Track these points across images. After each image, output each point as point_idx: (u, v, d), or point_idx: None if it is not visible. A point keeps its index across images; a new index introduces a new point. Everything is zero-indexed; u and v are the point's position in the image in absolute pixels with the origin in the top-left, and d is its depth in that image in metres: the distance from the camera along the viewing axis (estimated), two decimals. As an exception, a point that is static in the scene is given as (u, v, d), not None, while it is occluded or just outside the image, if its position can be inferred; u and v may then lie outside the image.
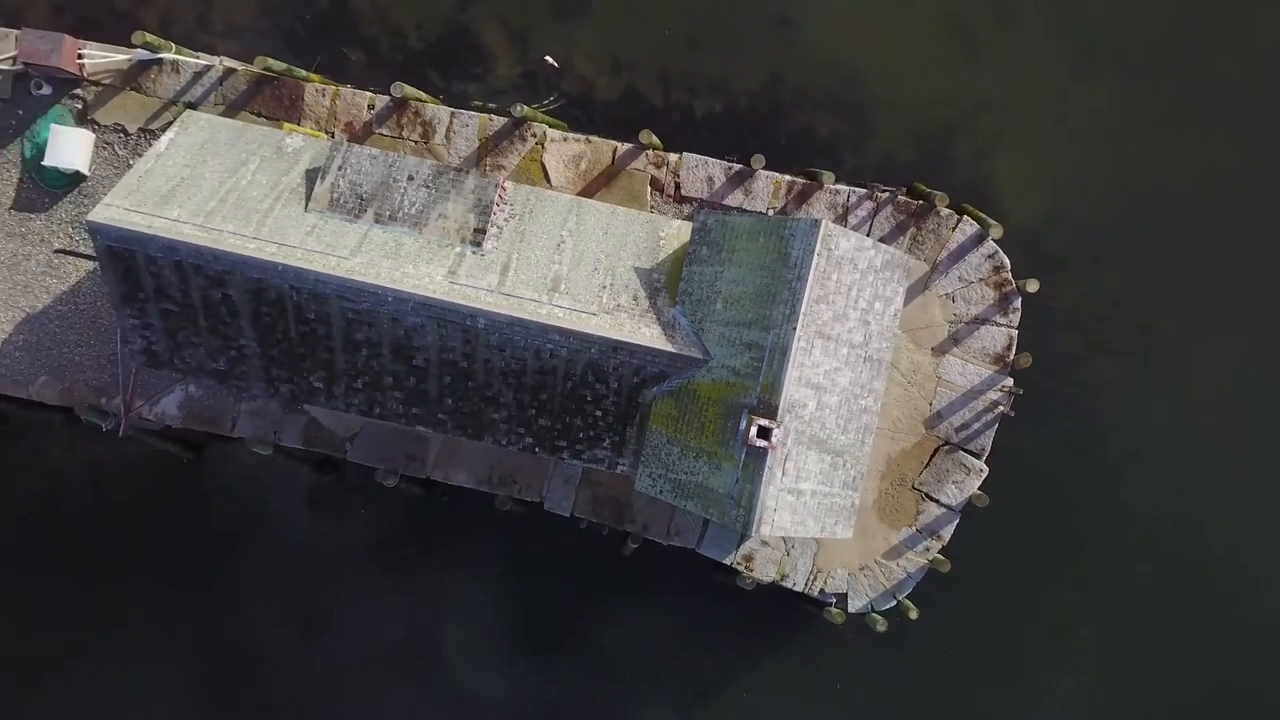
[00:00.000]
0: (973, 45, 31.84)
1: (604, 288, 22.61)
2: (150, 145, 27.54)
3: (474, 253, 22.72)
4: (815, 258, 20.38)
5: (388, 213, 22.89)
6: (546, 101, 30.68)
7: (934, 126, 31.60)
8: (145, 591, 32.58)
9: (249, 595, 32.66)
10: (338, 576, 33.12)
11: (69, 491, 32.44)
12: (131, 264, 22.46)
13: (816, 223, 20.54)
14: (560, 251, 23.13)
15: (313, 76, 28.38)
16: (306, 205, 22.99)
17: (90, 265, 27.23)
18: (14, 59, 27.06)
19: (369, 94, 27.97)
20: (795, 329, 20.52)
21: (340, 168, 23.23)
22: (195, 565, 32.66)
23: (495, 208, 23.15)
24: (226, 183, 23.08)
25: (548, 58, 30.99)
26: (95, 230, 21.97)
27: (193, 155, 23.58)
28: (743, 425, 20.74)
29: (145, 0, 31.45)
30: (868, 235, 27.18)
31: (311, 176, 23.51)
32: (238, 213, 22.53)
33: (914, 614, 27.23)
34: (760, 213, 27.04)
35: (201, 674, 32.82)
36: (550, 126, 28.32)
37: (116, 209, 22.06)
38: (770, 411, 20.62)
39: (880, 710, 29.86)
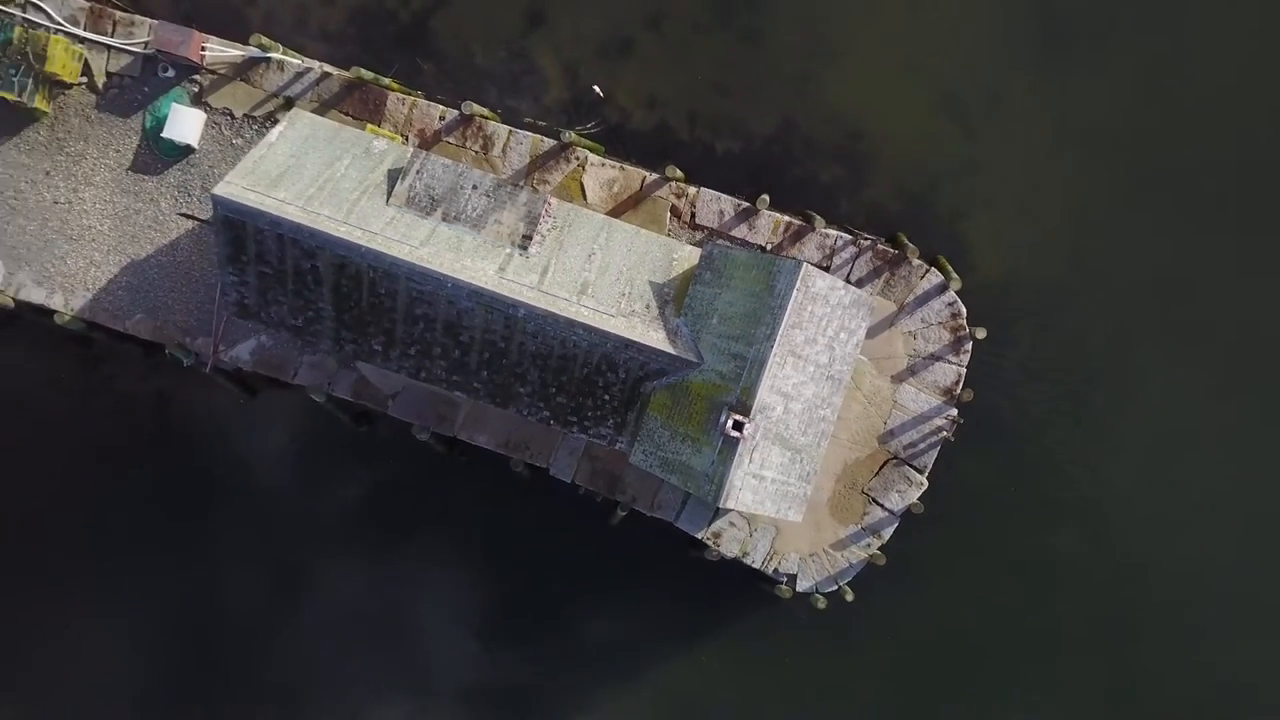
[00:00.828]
0: (965, 117, 37.21)
1: (623, 295, 28.29)
2: (252, 129, 33.26)
3: (521, 255, 28.40)
4: (795, 292, 26.06)
5: (453, 214, 28.56)
6: (589, 125, 36.27)
7: (922, 184, 37.00)
8: (162, 516, 38.10)
9: (251, 537, 38.24)
10: (338, 532, 38.57)
11: (132, 416, 38.01)
12: (241, 232, 28.10)
13: (799, 264, 26.24)
14: (590, 261, 28.81)
15: (393, 85, 34.03)
16: (388, 200, 28.64)
17: (190, 225, 32.87)
18: (146, 44, 32.77)
19: (441, 106, 33.66)
20: (773, 347, 26.19)
21: (418, 172, 28.90)
22: (217, 498, 38.16)
23: (542, 219, 28.82)
24: (324, 174, 28.74)
25: (595, 87, 36.57)
26: (217, 201, 27.59)
27: (297, 148, 29.24)
28: (722, 419, 26.40)
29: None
30: (849, 275, 32.87)
31: (393, 176, 29.17)
32: (332, 200, 28.18)
33: (850, 597, 32.92)
34: (759, 246, 32.69)
35: (183, 602, 38.27)
36: (590, 150, 33.97)
37: (236, 186, 27.70)
38: (745, 410, 26.28)
39: (818, 676, 35.57)
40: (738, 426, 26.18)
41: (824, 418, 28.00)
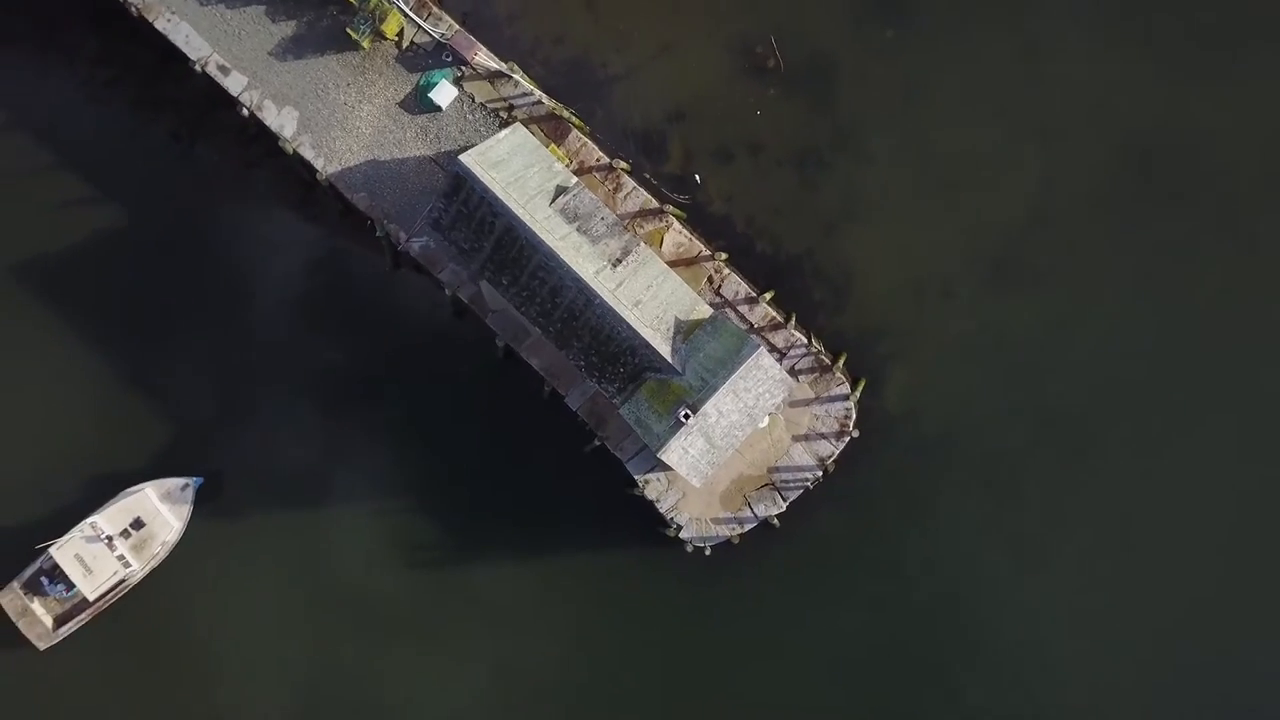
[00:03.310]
0: (921, 297, 58.72)
1: (658, 317, 50.20)
2: (481, 114, 55.18)
3: (611, 269, 50.23)
4: (749, 359, 48.14)
5: (584, 229, 50.45)
6: (682, 196, 58.08)
7: (876, 328, 57.88)
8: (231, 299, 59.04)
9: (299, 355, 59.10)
10: (363, 385, 59.51)
11: (310, 244, 59.68)
12: (460, 184, 50.00)
13: (758, 345, 48.27)
14: (648, 290, 50.74)
15: (577, 122, 55.92)
16: (550, 203, 50.45)
17: (424, 157, 54.77)
18: (443, 35, 54.67)
19: (600, 152, 55.61)
20: (724, 383, 48.22)
21: (574, 195, 50.78)
22: (314, 320, 59.75)
23: (631, 253, 50.74)
24: (520, 173, 50.55)
25: (697, 175, 58.36)
26: (457, 163, 49.44)
27: (512, 149, 51.13)
28: (680, 410, 48.49)
29: (515, 18, 58.98)
30: (794, 365, 54.75)
31: (559, 190, 50.99)
32: (520, 190, 50.03)
33: (708, 552, 54.95)
34: (749, 324, 54.74)
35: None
36: (675, 215, 55.93)
37: (471, 158, 49.53)
38: (694, 410, 48.24)
39: (673, 595, 56.86)
40: (686, 417, 48.35)
41: (737, 436, 50.12)
